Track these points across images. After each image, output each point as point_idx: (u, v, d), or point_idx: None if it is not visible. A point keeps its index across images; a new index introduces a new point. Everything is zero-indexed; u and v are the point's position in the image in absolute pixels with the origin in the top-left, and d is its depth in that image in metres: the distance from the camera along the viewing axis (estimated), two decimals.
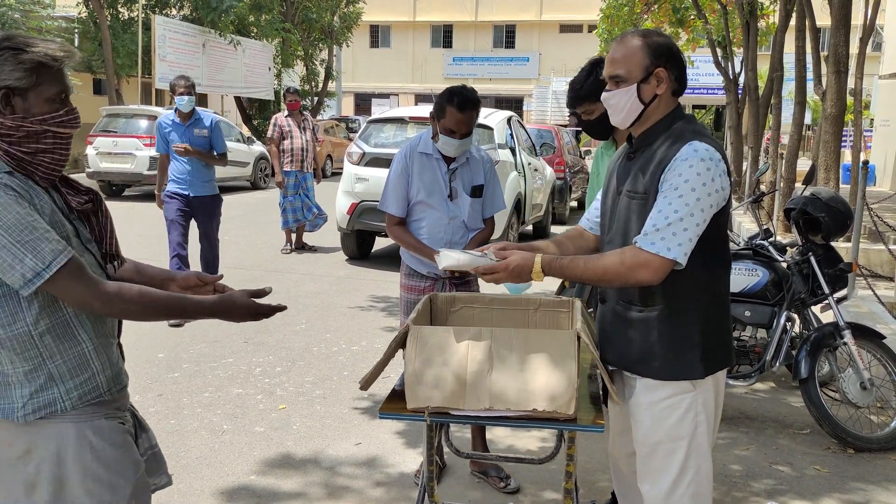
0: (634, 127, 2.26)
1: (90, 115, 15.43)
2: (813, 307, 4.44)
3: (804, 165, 10.82)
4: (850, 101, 10.45)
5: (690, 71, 9.19)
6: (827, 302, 4.27)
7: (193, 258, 6.41)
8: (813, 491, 3.58)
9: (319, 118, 25.64)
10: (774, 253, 4.43)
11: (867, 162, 7.25)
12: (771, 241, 4.55)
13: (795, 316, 4.40)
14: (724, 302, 2.33)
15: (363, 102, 42.21)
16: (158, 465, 2.05)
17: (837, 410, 4.11)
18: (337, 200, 8.60)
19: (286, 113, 9.30)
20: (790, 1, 12.14)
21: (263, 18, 23.15)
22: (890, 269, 7.49)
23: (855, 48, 11.54)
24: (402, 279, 3.59)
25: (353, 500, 3.38)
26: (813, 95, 12.02)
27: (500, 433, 4.07)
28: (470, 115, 3.27)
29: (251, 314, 1.93)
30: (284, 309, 2.00)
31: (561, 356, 2.02)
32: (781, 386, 4.98)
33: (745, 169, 13.60)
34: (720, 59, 16.39)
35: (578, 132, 19.85)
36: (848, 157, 15.37)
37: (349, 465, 3.71)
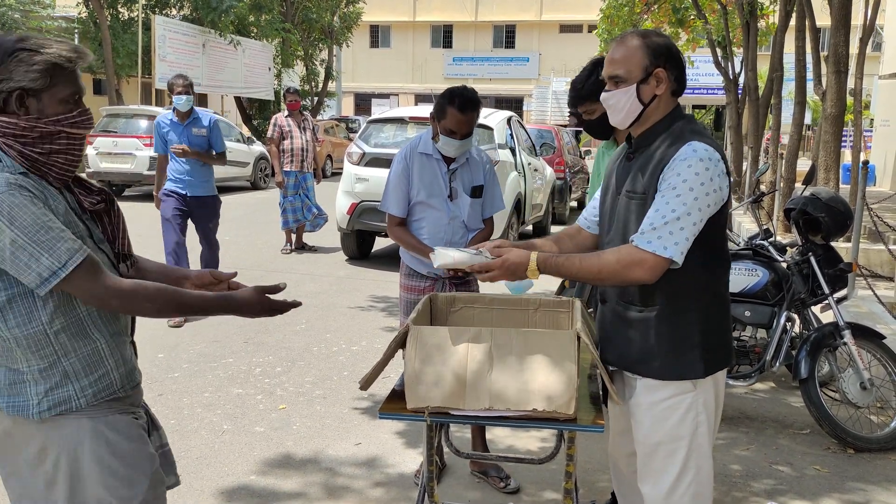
0: (634, 127, 2.26)
1: None
2: (813, 307, 4.44)
3: (804, 165, 10.82)
4: (850, 101, 10.45)
5: (690, 71, 9.21)
6: (827, 302, 4.28)
7: (193, 261, 6.40)
8: (813, 491, 3.58)
9: (319, 118, 25.64)
10: (774, 253, 4.43)
11: (867, 162, 7.25)
12: (771, 241, 4.55)
13: (795, 316, 4.40)
14: (724, 302, 2.33)
15: (363, 102, 42.22)
16: (168, 464, 2.07)
17: (837, 410, 4.11)
18: (337, 200, 8.60)
19: (286, 113, 9.30)
20: (790, 1, 12.14)
21: (263, 18, 23.15)
22: (890, 269, 7.49)
23: (855, 48, 11.54)
24: (401, 279, 3.59)
25: (353, 500, 3.38)
26: (813, 95, 12.02)
27: (500, 433, 4.07)
28: (471, 116, 3.29)
29: (265, 310, 1.94)
30: (299, 305, 2.01)
31: (561, 356, 2.02)
32: (781, 386, 4.98)
33: (745, 169, 13.59)
34: (720, 59, 16.39)
35: (578, 132, 19.85)
36: (848, 157, 15.37)
37: (349, 465, 3.71)
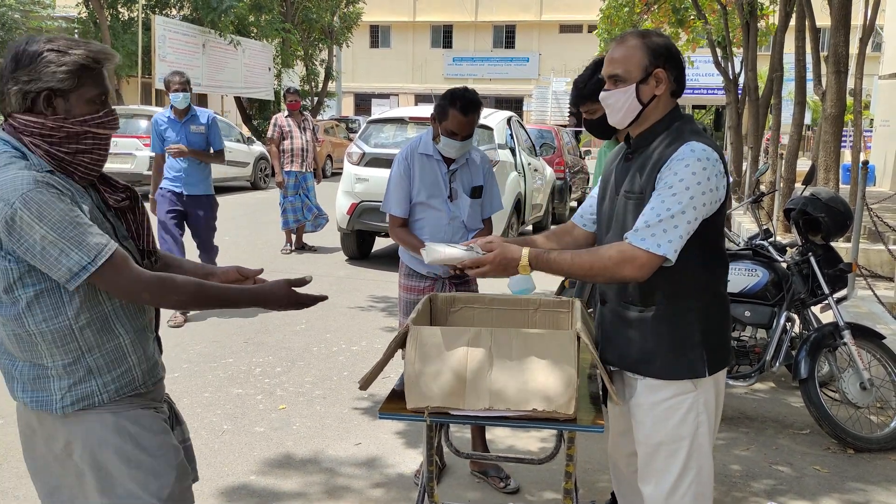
0: (632, 127, 2.26)
1: None
2: (813, 307, 4.44)
3: (804, 165, 10.83)
4: (850, 101, 10.45)
5: (690, 71, 9.21)
6: (827, 302, 4.28)
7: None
8: (813, 491, 3.58)
9: (319, 118, 25.63)
10: (774, 253, 4.43)
11: (867, 162, 7.25)
12: (771, 241, 4.55)
13: (795, 316, 4.40)
14: (724, 301, 2.33)
15: (363, 103, 42.20)
16: (190, 459, 2.09)
17: (837, 410, 4.11)
18: (337, 200, 8.59)
19: (286, 113, 9.30)
20: (790, 1, 12.14)
21: (263, 18, 23.13)
22: (890, 269, 7.49)
23: (855, 48, 11.54)
24: (400, 279, 3.59)
25: (353, 500, 3.38)
26: (813, 95, 12.02)
27: (500, 433, 4.07)
28: (472, 117, 3.31)
29: (292, 303, 1.95)
30: (325, 299, 2.02)
31: (561, 356, 2.02)
32: (781, 386, 4.98)
33: (744, 169, 13.59)
34: (720, 59, 16.38)
35: (578, 132, 19.85)
36: (848, 157, 15.38)
37: (349, 465, 3.71)
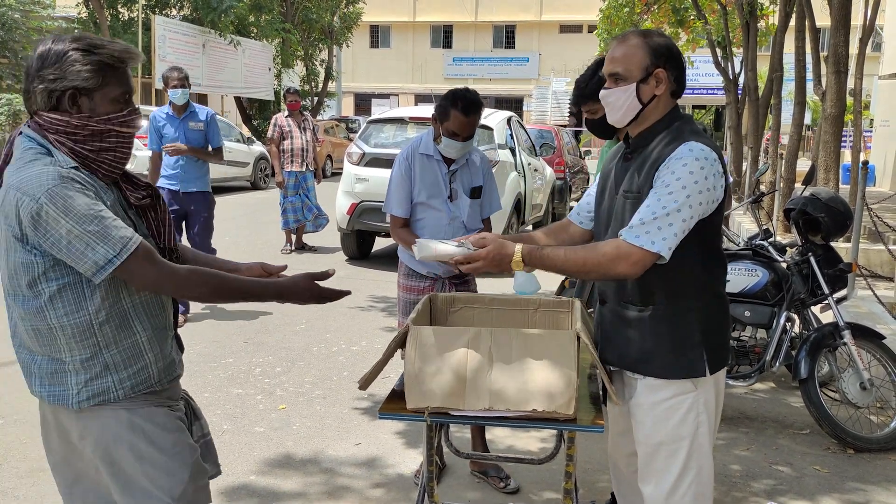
0: (632, 126, 2.26)
1: None
2: (813, 307, 4.44)
3: (804, 166, 10.84)
4: (849, 101, 10.44)
5: (690, 71, 9.21)
6: (827, 302, 4.28)
7: None
8: (813, 491, 3.58)
9: (319, 118, 25.64)
10: (774, 253, 4.43)
11: (867, 162, 7.25)
12: (771, 241, 4.55)
13: (795, 316, 4.40)
14: (723, 301, 2.33)
15: (363, 103, 42.21)
16: (210, 453, 2.09)
17: (837, 410, 4.11)
18: (337, 200, 8.60)
19: (286, 113, 9.30)
20: (790, 1, 12.14)
21: (263, 18, 23.13)
22: (890, 269, 7.49)
23: (855, 48, 11.53)
24: (400, 279, 3.59)
25: (353, 500, 3.38)
26: (813, 96, 12.02)
27: (500, 433, 4.07)
28: (474, 118, 3.32)
29: (315, 297, 1.96)
30: (349, 293, 2.03)
31: (560, 356, 2.02)
32: (781, 386, 4.98)
33: (744, 169, 13.59)
34: (720, 59, 16.39)
35: (578, 132, 19.86)
36: (848, 157, 15.37)
37: (349, 465, 3.71)
